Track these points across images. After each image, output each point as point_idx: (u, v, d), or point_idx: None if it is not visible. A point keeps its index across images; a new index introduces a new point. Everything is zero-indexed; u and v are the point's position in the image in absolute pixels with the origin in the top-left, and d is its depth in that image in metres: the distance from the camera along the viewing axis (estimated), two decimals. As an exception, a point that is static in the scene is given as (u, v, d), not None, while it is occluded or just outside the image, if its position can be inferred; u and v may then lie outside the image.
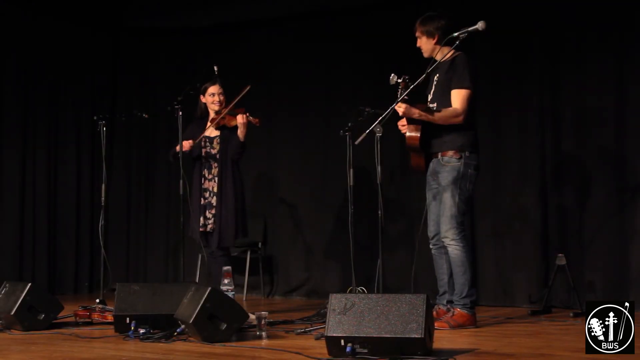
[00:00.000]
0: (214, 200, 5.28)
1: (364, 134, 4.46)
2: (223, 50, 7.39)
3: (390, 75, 4.53)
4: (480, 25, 4.34)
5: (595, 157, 5.81)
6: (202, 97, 5.43)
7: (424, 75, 4.51)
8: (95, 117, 6.04)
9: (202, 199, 5.34)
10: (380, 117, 4.46)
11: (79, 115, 7.64)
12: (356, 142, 4.58)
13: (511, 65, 6.14)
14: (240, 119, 5.20)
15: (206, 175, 5.36)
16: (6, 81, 7.15)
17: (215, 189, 5.29)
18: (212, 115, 5.40)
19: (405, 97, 4.46)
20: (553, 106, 5.97)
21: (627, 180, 5.67)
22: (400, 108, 4.49)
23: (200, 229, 5.31)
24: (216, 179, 5.31)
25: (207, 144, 5.37)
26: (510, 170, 6.13)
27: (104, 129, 5.91)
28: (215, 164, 5.33)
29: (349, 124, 5.16)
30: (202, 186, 5.35)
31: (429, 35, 4.66)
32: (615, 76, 5.73)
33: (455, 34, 4.47)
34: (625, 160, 5.68)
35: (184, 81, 5.70)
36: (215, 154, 5.34)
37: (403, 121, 4.63)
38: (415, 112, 4.52)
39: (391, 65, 6.58)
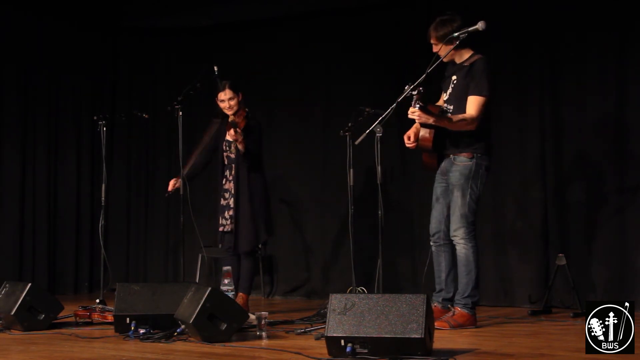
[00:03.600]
0: (231, 202, 5.34)
1: (364, 134, 4.46)
2: (223, 50, 7.39)
3: (405, 86, 4.39)
4: (480, 25, 4.34)
5: (595, 156, 5.80)
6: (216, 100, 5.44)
7: (425, 75, 4.48)
8: (95, 117, 6.04)
9: (222, 200, 5.40)
10: (381, 117, 4.46)
11: (79, 115, 7.64)
12: (356, 142, 4.58)
13: (511, 65, 6.13)
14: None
15: (227, 176, 5.41)
16: (6, 81, 7.14)
17: (233, 191, 5.34)
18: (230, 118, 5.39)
19: (421, 104, 4.34)
20: (553, 106, 5.96)
21: (627, 180, 5.66)
22: (415, 114, 4.40)
23: (220, 229, 5.38)
24: (234, 181, 5.35)
25: (227, 147, 5.41)
26: (511, 170, 6.12)
27: (104, 129, 5.92)
28: (234, 166, 5.37)
29: (349, 124, 5.16)
30: (223, 187, 5.41)
31: (446, 40, 4.54)
32: (615, 76, 5.71)
33: (456, 34, 4.47)
34: (625, 160, 5.67)
35: (184, 81, 5.69)
36: (234, 158, 5.38)
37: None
38: (431, 119, 4.45)
39: (391, 65, 6.66)
